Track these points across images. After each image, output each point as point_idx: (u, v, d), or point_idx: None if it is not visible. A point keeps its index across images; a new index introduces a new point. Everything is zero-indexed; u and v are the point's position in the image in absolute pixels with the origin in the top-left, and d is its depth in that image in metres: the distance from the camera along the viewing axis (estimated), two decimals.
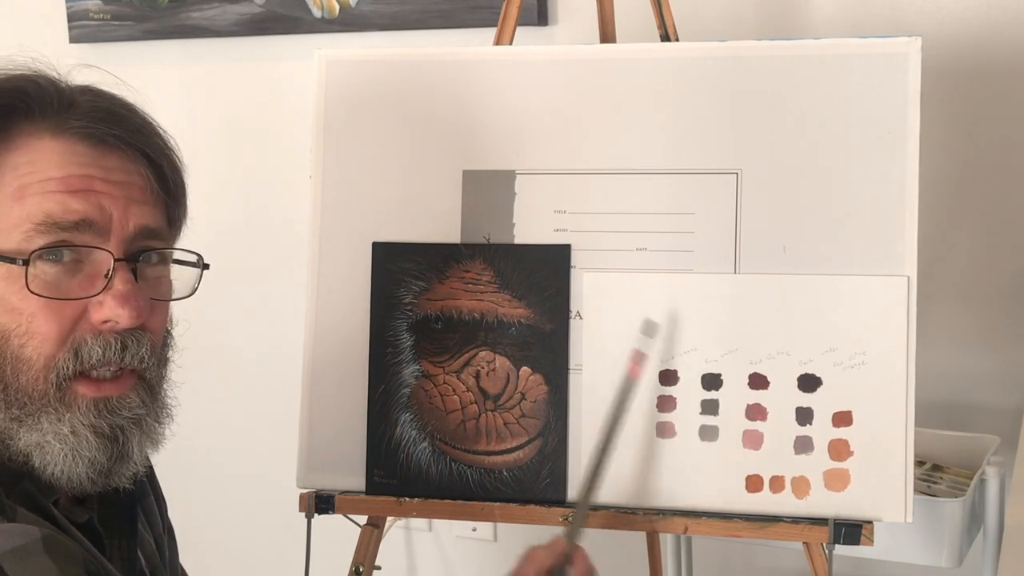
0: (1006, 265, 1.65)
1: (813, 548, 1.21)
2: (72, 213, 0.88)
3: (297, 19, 1.97)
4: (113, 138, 0.91)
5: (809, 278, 1.21)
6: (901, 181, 1.19)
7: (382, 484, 1.27)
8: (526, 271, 1.26)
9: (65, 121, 0.90)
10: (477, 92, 1.29)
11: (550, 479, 1.25)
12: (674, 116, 1.24)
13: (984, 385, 1.67)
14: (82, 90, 0.94)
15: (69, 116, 0.90)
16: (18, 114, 0.89)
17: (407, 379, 1.28)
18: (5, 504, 0.84)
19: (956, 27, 1.60)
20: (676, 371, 1.23)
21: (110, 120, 0.92)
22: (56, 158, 0.89)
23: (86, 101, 0.92)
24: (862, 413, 1.19)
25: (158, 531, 1.08)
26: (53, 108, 0.90)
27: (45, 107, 0.90)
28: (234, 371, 2.13)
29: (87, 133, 0.90)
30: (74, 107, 0.91)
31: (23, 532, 0.81)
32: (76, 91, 0.93)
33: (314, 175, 1.32)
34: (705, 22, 1.70)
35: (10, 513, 0.83)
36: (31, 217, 0.87)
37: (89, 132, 0.90)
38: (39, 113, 0.90)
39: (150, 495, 1.09)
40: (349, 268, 1.30)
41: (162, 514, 1.11)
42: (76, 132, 0.90)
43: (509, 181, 1.28)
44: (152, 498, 1.09)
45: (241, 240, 2.10)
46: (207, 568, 1.31)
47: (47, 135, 0.89)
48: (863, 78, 1.20)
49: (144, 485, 1.08)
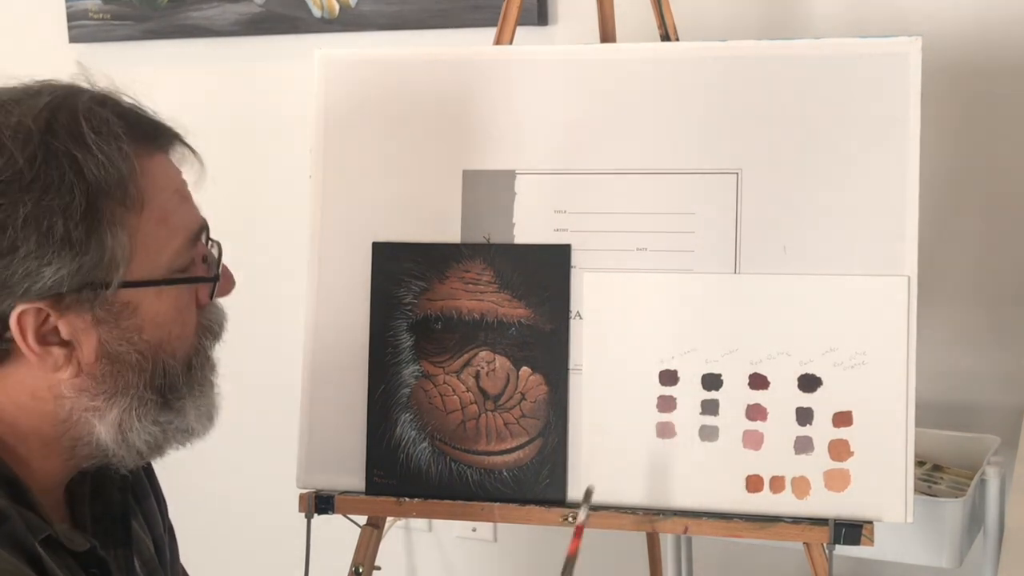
0: (1006, 265, 1.65)
1: (813, 548, 1.21)
2: (196, 222, 0.95)
3: (297, 19, 1.97)
4: (166, 139, 0.94)
5: (809, 278, 1.21)
6: (901, 181, 1.19)
7: (382, 484, 1.27)
8: (526, 271, 1.26)
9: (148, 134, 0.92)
10: (477, 92, 1.29)
11: (550, 479, 1.25)
12: (674, 116, 1.24)
13: (984, 385, 1.67)
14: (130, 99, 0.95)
15: (146, 128, 0.92)
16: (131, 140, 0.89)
17: (407, 379, 1.28)
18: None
19: (956, 27, 1.60)
20: (676, 371, 1.23)
21: (161, 124, 0.95)
22: (163, 170, 0.92)
23: (140, 109, 0.94)
24: (862, 413, 1.19)
25: (158, 533, 1.08)
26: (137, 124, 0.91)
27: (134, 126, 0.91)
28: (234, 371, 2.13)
29: (162, 143, 0.93)
30: (141, 118, 0.93)
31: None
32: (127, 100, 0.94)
33: (314, 175, 1.32)
34: (705, 22, 1.70)
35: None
36: (176, 236, 0.92)
37: (161, 142, 0.93)
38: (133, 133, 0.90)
39: (150, 496, 1.09)
40: (349, 268, 1.30)
41: (163, 515, 1.11)
42: (157, 143, 0.93)
43: (509, 181, 1.28)
44: (152, 499, 1.09)
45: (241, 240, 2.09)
46: (207, 568, 1.30)
47: (145, 149, 0.90)
48: (863, 78, 1.20)
49: (144, 486, 1.08)
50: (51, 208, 0.83)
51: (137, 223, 0.88)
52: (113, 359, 0.89)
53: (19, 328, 0.85)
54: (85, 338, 0.87)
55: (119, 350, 0.89)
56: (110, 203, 0.86)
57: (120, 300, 0.88)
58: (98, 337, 0.88)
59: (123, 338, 0.89)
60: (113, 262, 0.86)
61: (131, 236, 0.87)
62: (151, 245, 0.89)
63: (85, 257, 0.84)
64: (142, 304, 0.89)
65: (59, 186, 0.83)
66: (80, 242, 0.84)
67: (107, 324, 0.88)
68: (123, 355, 0.89)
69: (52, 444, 0.91)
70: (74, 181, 0.84)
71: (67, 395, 0.89)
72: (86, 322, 0.87)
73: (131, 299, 0.89)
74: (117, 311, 0.88)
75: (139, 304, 0.89)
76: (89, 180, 0.84)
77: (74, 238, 0.84)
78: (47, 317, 0.85)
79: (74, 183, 0.84)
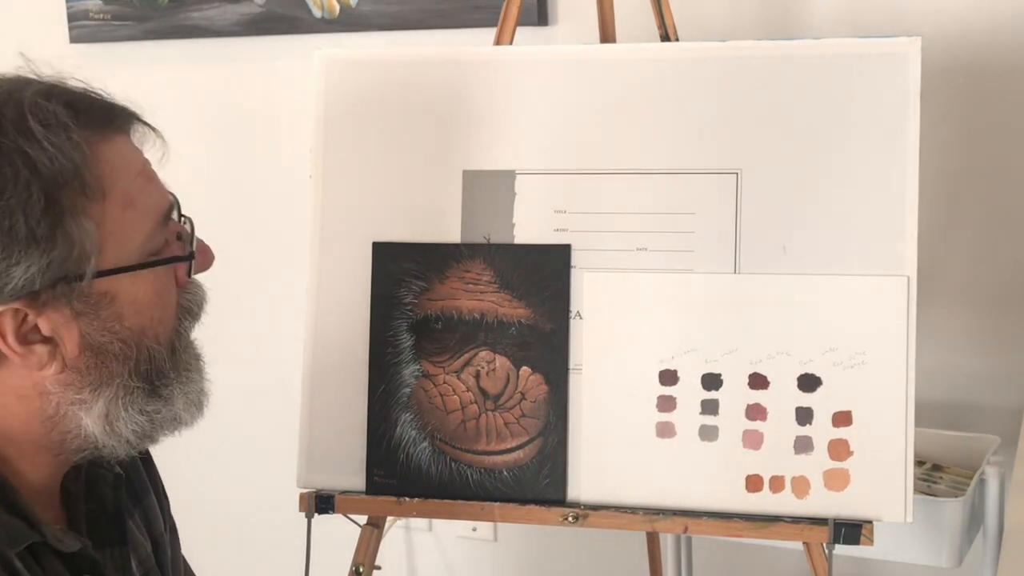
0: (1006, 265, 1.65)
1: (813, 548, 1.21)
2: (164, 202, 0.93)
3: (297, 19, 1.97)
4: (122, 121, 0.93)
5: (809, 278, 1.21)
6: (901, 181, 1.19)
7: (382, 484, 1.27)
8: (526, 271, 1.26)
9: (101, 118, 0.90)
10: (477, 92, 1.29)
11: (550, 479, 1.25)
12: (674, 116, 1.24)
13: (984, 385, 1.67)
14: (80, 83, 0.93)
15: (101, 112, 0.90)
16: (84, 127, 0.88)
17: (407, 379, 1.28)
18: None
19: (956, 27, 1.60)
20: (676, 371, 1.23)
21: (115, 106, 0.93)
22: (122, 153, 0.91)
23: (94, 94, 0.92)
24: (862, 413, 1.19)
25: (158, 530, 1.08)
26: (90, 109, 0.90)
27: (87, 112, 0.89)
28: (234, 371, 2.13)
29: (118, 125, 0.92)
30: (95, 103, 0.91)
31: None
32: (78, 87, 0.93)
33: (314, 175, 1.32)
34: (705, 22, 1.70)
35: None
36: (145, 219, 0.90)
37: (118, 124, 0.92)
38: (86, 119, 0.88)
39: (150, 493, 1.08)
40: (349, 268, 1.30)
41: (164, 510, 1.10)
42: (113, 126, 0.91)
43: (509, 181, 1.28)
44: (152, 496, 1.09)
45: (241, 240, 2.10)
46: (207, 568, 1.30)
47: (100, 135, 0.89)
48: (863, 78, 1.20)
49: (144, 482, 1.08)
50: (9, 207, 0.82)
51: (102, 211, 0.86)
52: (96, 350, 0.88)
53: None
54: (66, 332, 0.87)
55: (101, 340, 0.88)
56: (69, 194, 0.84)
57: (97, 290, 0.87)
58: (79, 330, 0.87)
59: (104, 328, 0.88)
60: (83, 253, 0.85)
61: (98, 225, 0.86)
62: (120, 231, 0.88)
63: (54, 252, 0.83)
64: (120, 291, 0.88)
65: (14, 184, 0.82)
66: (45, 238, 0.83)
67: (87, 316, 0.87)
68: (106, 345, 0.89)
69: (41, 441, 0.91)
70: (29, 177, 0.82)
71: (52, 391, 0.88)
72: (65, 316, 0.86)
73: (108, 288, 0.88)
74: (95, 302, 0.87)
75: (117, 292, 0.88)
76: (44, 174, 0.83)
77: (39, 234, 0.82)
78: (25, 317, 0.85)
79: (30, 179, 0.82)
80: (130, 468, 1.05)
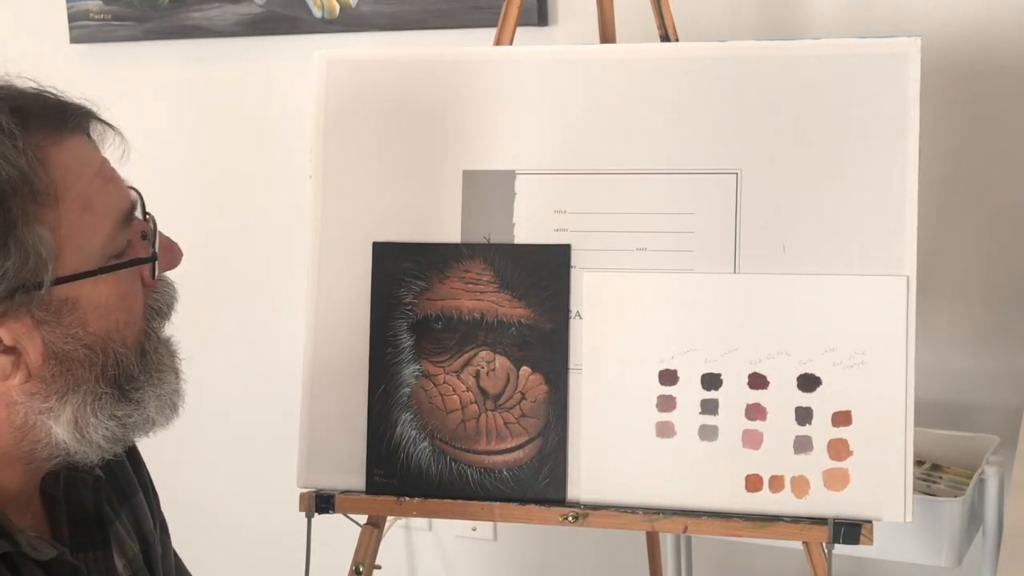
0: (1006, 265, 1.65)
1: (813, 548, 1.21)
2: (124, 201, 0.91)
3: (297, 19, 1.97)
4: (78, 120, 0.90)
5: (809, 278, 1.21)
6: (901, 181, 1.19)
7: (382, 484, 1.28)
8: (526, 271, 1.26)
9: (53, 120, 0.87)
10: (477, 92, 1.29)
11: (550, 479, 1.25)
12: (674, 116, 1.24)
13: (984, 385, 1.67)
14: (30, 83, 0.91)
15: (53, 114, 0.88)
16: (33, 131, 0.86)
17: (407, 379, 1.28)
18: None
19: (956, 27, 1.60)
20: (676, 371, 1.23)
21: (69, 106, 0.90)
22: (76, 155, 0.88)
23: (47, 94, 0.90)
24: (861, 413, 1.19)
25: (147, 528, 1.07)
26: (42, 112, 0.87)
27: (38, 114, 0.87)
28: (234, 371, 2.14)
29: (73, 125, 0.89)
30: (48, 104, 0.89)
31: None
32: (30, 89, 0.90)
33: (314, 175, 1.32)
34: (705, 22, 1.70)
35: None
36: (104, 221, 0.88)
37: (76, 123, 0.89)
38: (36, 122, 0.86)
39: (139, 491, 1.07)
40: (349, 268, 1.30)
41: (153, 507, 1.09)
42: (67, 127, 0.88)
43: (509, 181, 1.28)
44: (140, 494, 1.07)
45: (241, 240, 2.10)
46: (207, 568, 1.30)
47: (52, 139, 0.86)
48: (863, 78, 1.20)
49: (131, 481, 1.07)
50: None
51: (57, 216, 0.84)
52: (61, 358, 0.87)
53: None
54: (29, 342, 0.85)
55: (65, 348, 0.86)
56: (19, 202, 0.82)
57: (57, 297, 0.85)
58: (42, 338, 0.85)
59: (68, 335, 0.86)
60: (40, 261, 0.83)
61: (53, 230, 0.84)
62: (78, 235, 0.86)
63: (7, 262, 0.81)
64: (81, 297, 0.86)
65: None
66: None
67: (48, 324, 0.85)
68: (70, 352, 0.87)
69: (11, 452, 0.89)
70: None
71: (19, 401, 0.87)
72: (27, 326, 0.84)
73: (68, 294, 0.86)
74: (56, 309, 0.85)
75: (78, 298, 0.86)
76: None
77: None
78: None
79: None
80: (115, 466, 1.04)
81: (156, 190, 0.98)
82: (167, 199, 1.09)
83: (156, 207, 0.96)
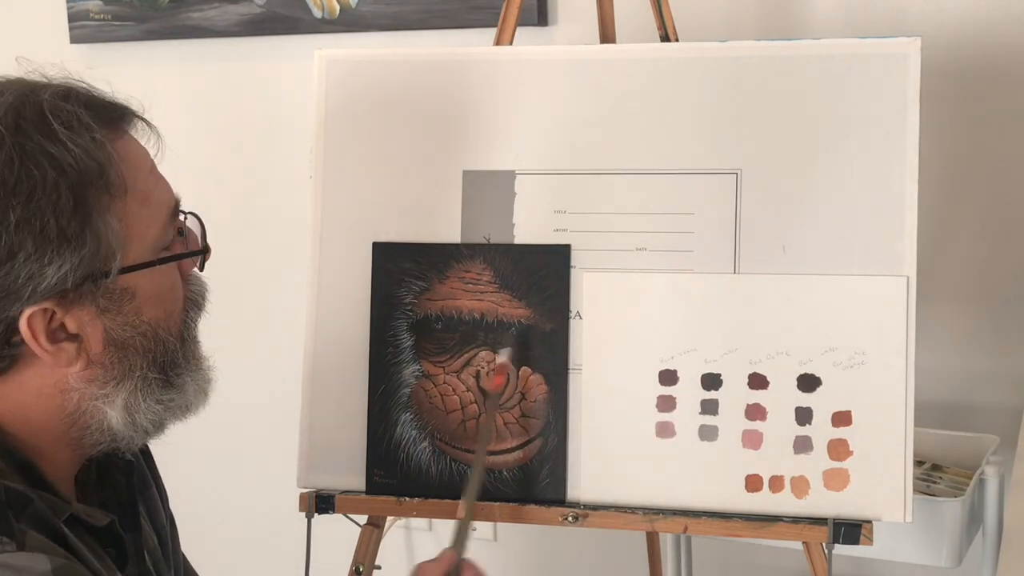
0: (1006, 265, 1.65)
1: (813, 548, 1.21)
2: (172, 198, 0.96)
3: (297, 19, 1.97)
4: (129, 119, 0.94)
5: (809, 278, 1.21)
6: (901, 181, 1.19)
7: (382, 484, 1.28)
8: (526, 271, 1.26)
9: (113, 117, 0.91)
10: (477, 92, 1.29)
11: (550, 479, 1.25)
12: (674, 116, 1.24)
13: (984, 385, 1.67)
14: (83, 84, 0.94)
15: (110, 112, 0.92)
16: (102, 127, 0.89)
17: (407, 379, 1.28)
18: (16, 529, 0.82)
19: (956, 27, 1.60)
20: (676, 371, 1.23)
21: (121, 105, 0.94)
22: (134, 150, 0.92)
23: (96, 93, 0.93)
24: (861, 413, 1.19)
25: (160, 523, 1.09)
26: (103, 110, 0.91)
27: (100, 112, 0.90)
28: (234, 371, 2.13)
29: (126, 124, 0.93)
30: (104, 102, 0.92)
31: (32, 563, 0.80)
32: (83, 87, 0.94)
33: (314, 175, 1.32)
34: (705, 22, 1.70)
35: (20, 539, 0.82)
36: (159, 215, 0.93)
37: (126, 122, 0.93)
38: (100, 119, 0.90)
39: (152, 486, 1.09)
40: (349, 268, 1.30)
41: (164, 504, 1.11)
42: (122, 124, 0.92)
43: (509, 181, 1.28)
44: (154, 488, 1.09)
45: (241, 240, 2.10)
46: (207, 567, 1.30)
47: (116, 134, 0.91)
48: (863, 78, 1.20)
49: (145, 476, 1.08)
50: (41, 208, 0.83)
51: (124, 208, 0.88)
52: (119, 345, 0.90)
53: (30, 331, 0.86)
54: (92, 330, 0.89)
55: (124, 336, 0.90)
56: (95, 193, 0.86)
57: (119, 287, 0.89)
58: (103, 326, 0.89)
59: (126, 323, 0.90)
60: (109, 250, 0.87)
61: (121, 221, 0.88)
62: (139, 227, 0.90)
63: (83, 250, 0.85)
64: (139, 287, 0.91)
65: (43, 185, 0.84)
66: (76, 236, 0.85)
67: (110, 312, 0.89)
68: (128, 340, 0.91)
69: (62, 438, 0.92)
70: (57, 178, 0.84)
71: (74, 387, 0.90)
72: (91, 314, 0.88)
73: (129, 284, 0.90)
74: (118, 297, 0.89)
75: (136, 287, 0.90)
76: (71, 174, 0.85)
77: (69, 233, 0.84)
78: (53, 315, 0.86)
79: (58, 180, 0.84)
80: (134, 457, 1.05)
81: None
82: None
83: None
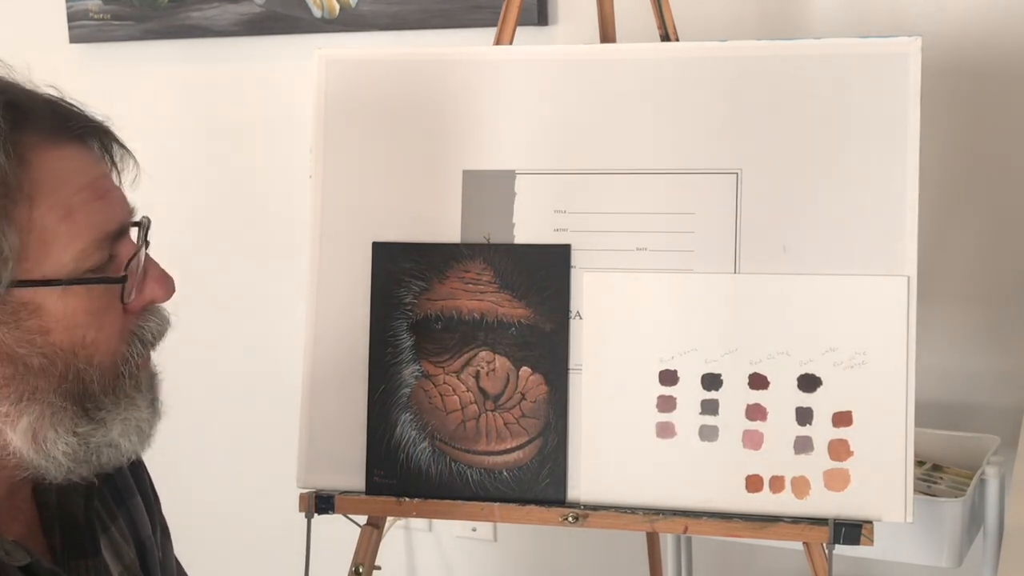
0: (1006, 265, 1.65)
1: (813, 548, 1.21)
2: (112, 221, 0.88)
3: (297, 19, 1.97)
4: (85, 132, 0.89)
5: (809, 278, 1.21)
6: (901, 181, 1.19)
7: (382, 484, 1.27)
8: (526, 271, 1.26)
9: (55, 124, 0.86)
10: (477, 92, 1.29)
11: (550, 479, 1.25)
12: (674, 116, 1.24)
13: (984, 385, 1.67)
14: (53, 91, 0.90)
15: (56, 119, 0.86)
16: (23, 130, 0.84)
17: (407, 379, 1.28)
18: None
19: (956, 27, 1.60)
20: (676, 371, 1.23)
21: (80, 116, 0.89)
22: (70, 163, 0.86)
23: (56, 100, 0.88)
24: (862, 413, 1.19)
25: (145, 533, 1.06)
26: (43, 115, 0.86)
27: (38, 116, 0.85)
28: (234, 371, 2.14)
29: (77, 134, 0.87)
30: (56, 109, 0.87)
31: None
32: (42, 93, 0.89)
33: (314, 175, 1.32)
34: (705, 22, 1.70)
35: None
36: (83, 234, 0.85)
37: (79, 132, 0.88)
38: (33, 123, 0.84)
39: (136, 495, 1.06)
40: (349, 268, 1.30)
41: (151, 512, 1.08)
42: (68, 134, 0.87)
43: (509, 181, 1.28)
44: (138, 497, 1.06)
45: (241, 240, 2.10)
46: (207, 568, 1.31)
47: (46, 142, 0.85)
48: (863, 78, 1.20)
49: (129, 484, 1.06)
50: None
51: (29, 218, 0.82)
52: (15, 361, 0.84)
53: None
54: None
55: (19, 352, 0.83)
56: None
57: (16, 299, 0.82)
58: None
59: (24, 340, 0.83)
60: (1, 259, 0.80)
61: (21, 231, 0.81)
62: (51, 242, 0.83)
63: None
64: (45, 304, 0.84)
65: None
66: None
67: (6, 325, 0.82)
68: (25, 358, 0.84)
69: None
70: None
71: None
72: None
73: (30, 299, 0.83)
74: (14, 310, 0.83)
75: (41, 304, 0.83)
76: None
77: None
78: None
79: None
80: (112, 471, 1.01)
81: (156, 190, 0.97)
82: (167, 199, 1.09)
83: (156, 207, 0.96)
